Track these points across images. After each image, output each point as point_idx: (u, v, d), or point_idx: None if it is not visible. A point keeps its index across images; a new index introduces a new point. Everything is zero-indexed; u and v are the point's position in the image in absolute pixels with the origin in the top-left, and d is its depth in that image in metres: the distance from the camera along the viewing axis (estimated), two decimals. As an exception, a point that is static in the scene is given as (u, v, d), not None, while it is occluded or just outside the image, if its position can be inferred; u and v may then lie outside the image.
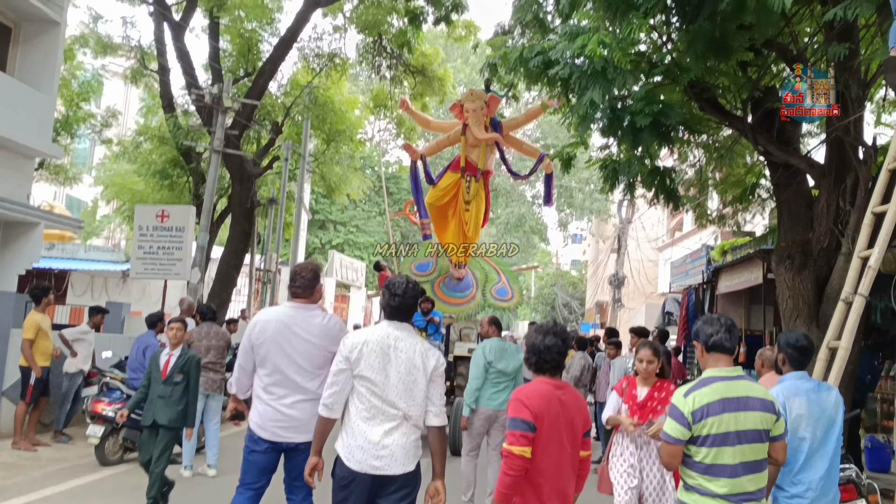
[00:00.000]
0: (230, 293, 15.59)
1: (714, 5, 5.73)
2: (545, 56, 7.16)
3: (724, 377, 3.46)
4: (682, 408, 3.41)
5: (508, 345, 7.43)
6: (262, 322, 4.60)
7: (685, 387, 3.54)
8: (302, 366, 4.51)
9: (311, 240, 34.61)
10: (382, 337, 3.80)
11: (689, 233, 22.97)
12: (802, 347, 4.30)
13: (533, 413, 3.46)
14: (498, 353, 7.28)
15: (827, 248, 7.38)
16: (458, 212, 13.31)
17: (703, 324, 3.62)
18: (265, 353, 4.53)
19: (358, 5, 16.00)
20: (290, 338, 4.50)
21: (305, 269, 4.72)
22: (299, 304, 4.63)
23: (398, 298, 3.89)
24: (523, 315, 50.72)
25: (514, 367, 7.28)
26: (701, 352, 3.62)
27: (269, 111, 17.41)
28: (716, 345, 3.52)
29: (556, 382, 3.65)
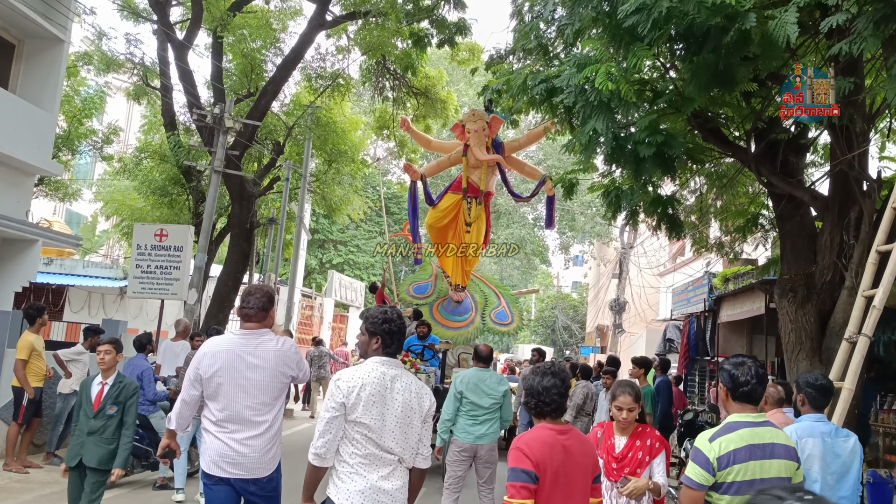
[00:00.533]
0: (227, 314, 15.49)
1: (718, 38, 5.69)
2: (549, 84, 7.14)
3: (751, 423, 3.35)
4: (707, 453, 3.30)
5: (489, 376, 7.02)
6: (211, 353, 4.26)
7: (710, 431, 3.42)
8: (257, 397, 4.21)
9: (311, 259, 34.55)
10: (379, 378, 3.60)
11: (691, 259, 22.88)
12: (822, 388, 4.25)
13: (534, 462, 3.26)
14: (472, 385, 6.92)
15: (830, 282, 7.30)
16: (459, 234, 13.25)
17: (732, 367, 3.46)
18: (216, 387, 4.20)
19: (362, 27, 16.03)
20: (242, 369, 4.20)
21: (259, 291, 4.40)
22: (249, 331, 4.31)
23: (387, 326, 3.71)
24: (524, 338, 50.52)
25: (492, 401, 6.89)
26: (726, 395, 3.48)
27: (270, 130, 17.41)
28: (744, 395, 3.40)
29: (559, 427, 3.44)
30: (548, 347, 44.18)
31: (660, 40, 6.23)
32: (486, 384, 6.91)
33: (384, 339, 3.71)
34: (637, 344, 25.32)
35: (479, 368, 7.08)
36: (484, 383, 6.92)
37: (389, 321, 3.72)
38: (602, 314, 34.69)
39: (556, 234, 38.06)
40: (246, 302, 4.35)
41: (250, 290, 4.43)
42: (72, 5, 12.04)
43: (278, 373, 4.27)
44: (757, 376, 3.39)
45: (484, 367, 7.12)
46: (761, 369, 3.45)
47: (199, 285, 12.68)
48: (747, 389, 3.37)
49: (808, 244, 7.74)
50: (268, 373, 4.23)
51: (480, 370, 7.06)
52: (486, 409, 6.83)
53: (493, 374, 7.08)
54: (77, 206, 28.96)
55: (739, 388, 3.38)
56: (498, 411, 6.93)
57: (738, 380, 3.39)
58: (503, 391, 6.90)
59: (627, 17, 5.74)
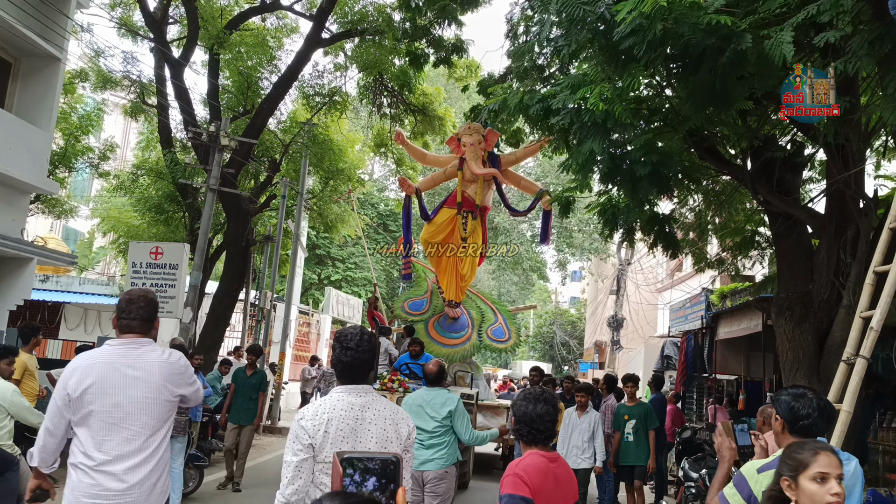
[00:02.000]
0: (223, 332, 15.43)
1: (715, 59, 5.69)
2: (546, 103, 7.14)
3: None
4: (752, 484, 3.14)
5: (434, 396, 6.42)
6: (82, 368, 3.53)
7: (759, 462, 3.26)
8: (137, 418, 3.50)
9: (309, 275, 34.51)
10: (346, 410, 3.23)
11: (689, 275, 22.87)
12: (825, 413, 4.20)
13: (532, 489, 3.18)
14: (415, 408, 6.35)
15: (827, 301, 7.27)
16: (454, 249, 13.19)
17: (791, 399, 3.26)
18: (87, 409, 3.46)
19: (359, 44, 16.09)
20: (120, 383, 3.49)
21: (142, 298, 3.75)
22: (129, 339, 3.62)
23: (350, 353, 3.31)
24: (522, 354, 50.44)
25: (435, 424, 6.28)
26: (781, 428, 3.28)
27: (267, 148, 17.43)
28: (804, 429, 3.20)
29: (549, 455, 3.38)
30: (546, 364, 44.10)
31: (656, 61, 6.23)
32: (430, 406, 6.37)
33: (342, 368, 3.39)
34: (635, 360, 25.23)
35: (426, 389, 6.55)
36: (428, 405, 6.37)
37: (348, 349, 3.35)
38: (600, 330, 34.63)
39: (553, 250, 38.05)
40: (127, 311, 3.67)
41: (131, 297, 3.75)
42: (68, 24, 12.05)
43: (163, 388, 3.58)
44: (819, 409, 3.21)
45: (432, 387, 6.57)
46: (823, 401, 3.26)
47: (194, 303, 12.64)
48: (808, 423, 3.19)
49: (805, 262, 7.71)
50: (150, 388, 3.55)
51: (428, 391, 6.51)
52: (430, 433, 6.27)
53: (440, 393, 6.48)
54: (74, 222, 28.95)
55: (800, 421, 3.19)
56: (447, 434, 6.34)
57: (798, 413, 3.20)
58: (446, 412, 6.32)
59: (623, 39, 5.73)
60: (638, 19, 5.45)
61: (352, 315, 32.06)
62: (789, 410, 3.23)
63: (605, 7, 5.99)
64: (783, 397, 3.29)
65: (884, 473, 10.28)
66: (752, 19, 5.59)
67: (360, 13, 15.56)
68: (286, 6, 16.73)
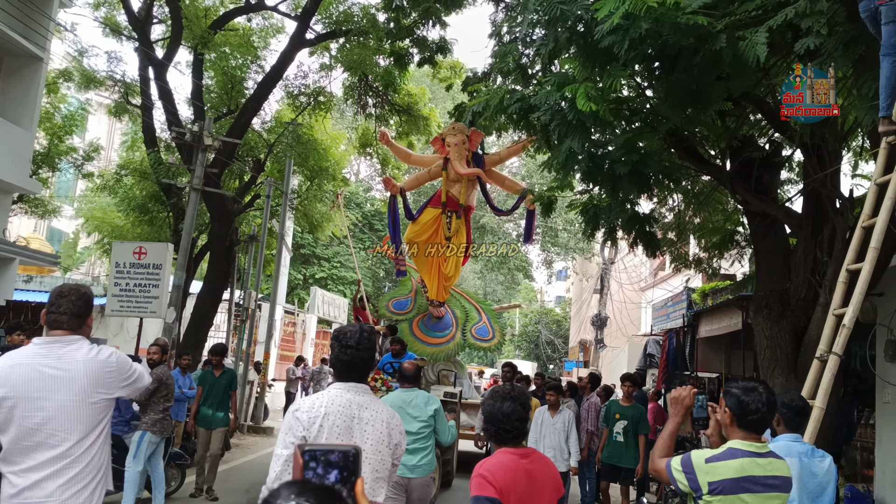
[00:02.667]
0: (206, 332, 15.40)
1: (690, 59, 5.77)
2: (525, 102, 7.20)
3: (753, 453, 3.19)
4: (699, 475, 3.17)
5: (415, 396, 6.22)
6: (1, 370, 3.25)
7: (709, 452, 3.27)
8: (61, 423, 3.22)
9: (295, 275, 34.48)
10: (345, 407, 3.19)
11: (671, 274, 23.04)
12: (798, 408, 4.26)
13: (498, 489, 3.12)
14: (396, 410, 5.79)
15: (805, 299, 7.38)
16: (441, 250, 13.24)
17: (741, 393, 3.25)
18: (7, 414, 3.18)
19: (344, 44, 16.10)
20: (41, 385, 3.22)
21: (74, 291, 3.44)
22: (56, 337, 3.32)
23: (351, 352, 3.25)
24: (508, 353, 50.56)
25: (420, 424, 6.09)
26: (730, 421, 3.29)
27: (252, 148, 17.41)
28: (752, 424, 3.22)
29: (520, 451, 3.28)
30: (531, 362, 44.21)
31: (635, 60, 6.31)
32: (413, 406, 6.14)
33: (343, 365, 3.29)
34: (619, 359, 25.38)
35: (404, 390, 6.27)
36: (410, 405, 6.13)
37: (348, 347, 3.26)
38: (584, 329, 34.79)
39: (539, 249, 38.18)
40: (56, 305, 3.36)
41: (62, 291, 3.46)
42: (50, 24, 12.00)
43: (89, 391, 3.26)
44: (768, 404, 3.21)
45: (409, 386, 6.30)
46: (772, 396, 3.27)
47: (177, 303, 12.61)
48: (756, 418, 3.19)
49: (783, 261, 7.82)
50: (74, 389, 3.25)
51: (405, 391, 6.25)
52: (416, 435, 6.04)
53: (420, 393, 6.29)
54: (59, 222, 28.80)
55: (748, 415, 3.20)
56: (430, 437, 6.16)
57: (747, 407, 3.20)
58: (432, 411, 6.17)
59: (604, 38, 5.79)
60: (622, 18, 5.52)
61: (337, 315, 32.07)
62: (738, 404, 3.23)
63: (582, 8, 6.04)
64: (733, 390, 3.29)
65: (862, 469, 10.40)
66: (728, 20, 5.67)
67: (345, 14, 15.58)
68: (271, 6, 16.71)
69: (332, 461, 1.49)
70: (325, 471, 1.49)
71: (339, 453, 1.50)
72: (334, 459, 1.49)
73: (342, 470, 1.49)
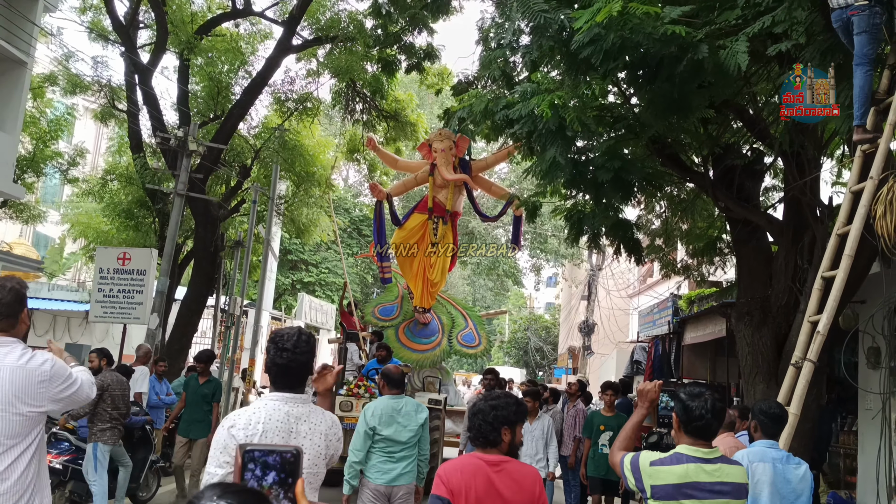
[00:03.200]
0: (190, 339, 15.32)
1: (672, 68, 5.79)
2: (509, 111, 7.21)
3: (700, 458, 3.14)
4: (644, 476, 3.15)
5: (404, 403, 5.99)
6: None
7: (656, 455, 3.24)
8: None
9: (282, 280, 34.37)
10: (283, 422, 2.91)
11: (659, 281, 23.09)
12: (775, 416, 4.28)
13: (448, 489, 3.10)
14: (386, 418, 5.86)
15: (786, 306, 7.41)
16: (424, 254, 13.22)
17: (687, 399, 3.20)
18: None
19: (331, 50, 16.10)
20: None
21: (2, 288, 3.16)
22: None
23: (287, 354, 2.98)
24: (497, 360, 50.55)
25: (410, 434, 5.88)
26: (678, 427, 3.25)
27: (238, 153, 17.37)
28: (697, 430, 3.17)
29: (491, 458, 3.22)
30: (520, 369, 44.22)
31: (614, 71, 6.33)
32: (403, 414, 5.90)
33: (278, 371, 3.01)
34: (607, 365, 25.40)
35: (390, 396, 6.00)
36: (400, 413, 5.89)
37: (284, 350, 3.00)
38: (572, 335, 34.81)
39: (528, 255, 38.22)
40: None
41: None
42: (34, 29, 11.94)
43: (13, 399, 2.96)
44: (713, 411, 3.15)
45: (397, 393, 6.05)
46: (719, 403, 3.20)
47: (161, 309, 12.55)
48: (701, 424, 3.15)
49: (764, 268, 7.86)
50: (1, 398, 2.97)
51: (393, 398, 5.98)
52: (405, 445, 5.86)
53: (408, 400, 6.06)
54: (45, 228, 28.62)
55: (693, 422, 3.16)
56: (416, 447, 5.94)
57: (692, 413, 3.16)
58: (422, 420, 5.99)
59: (582, 49, 5.81)
60: (595, 28, 5.54)
61: (325, 321, 31.98)
62: (683, 410, 3.19)
63: (564, 16, 6.07)
64: (681, 395, 3.24)
65: (844, 476, 10.43)
66: (708, 29, 5.70)
67: (332, 20, 15.57)
68: (258, 12, 16.70)
69: (269, 463, 1.49)
70: (263, 472, 1.48)
71: (278, 455, 1.50)
72: (272, 461, 1.49)
73: (280, 472, 1.49)
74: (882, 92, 5.17)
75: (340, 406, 10.10)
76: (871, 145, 5.15)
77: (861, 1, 5.01)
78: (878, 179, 4.92)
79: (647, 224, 11.86)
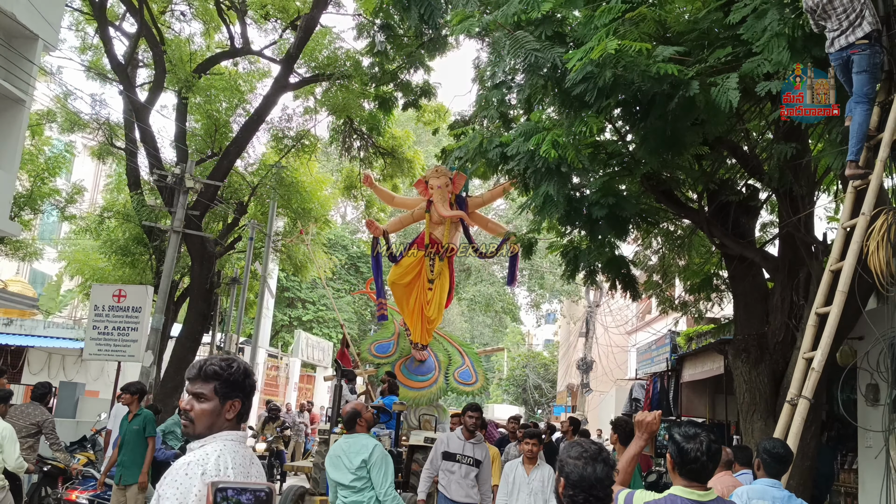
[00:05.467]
0: (184, 377, 15.19)
1: (664, 105, 5.82)
2: (503, 148, 7.24)
3: (695, 501, 3.03)
4: None
5: (352, 443, 5.62)
6: None
7: (650, 494, 3.15)
8: None
9: (280, 317, 34.25)
10: (245, 466, 2.59)
11: (657, 317, 23.03)
12: (779, 456, 4.25)
13: None
14: (334, 459, 5.53)
15: (783, 342, 7.37)
16: (421, 290, 13.20)
17: (682, 440, 3.09)
18: None
19: (328, 88, 16.24)
20: None
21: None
22: None
23: None
24: (496, 398, 50.18)
25: (352, 477, 5.46)
26: (672, 467, 3.15)
27: (235, 190, 17.43)
28: (692, 473, 3.06)
29: None
30: (519, 407, 43.87)
31: (608, 108, 6.38)
32: (346, 455, 5.52)
33: (246, 402, 2.71)
34: (605, 403, 25.23)
35: (346, 436, 5.70)
36: (345, 455, 5.53)
37: (248, 374, 2.74)
38: (571, 373, 34.62)
39: (526, 291, 38.14)
40: None
41: None
42: (33, 69, 12.04)
43: None
44: (708, 453, 3.04)
45: (348, 432, 5.72)
46: (714, 444, 3.09)
47: (155, 347, 12.48)
48: (696, 467, 3.04)
49: (761, 305, 7.83)
50: None
51: (347, 438, 5.66)
52: (348, 488, 5.46)
53: (358, 439, 5.66)
54: (42, 265, 28.59)
55: (688, 464, 3.05)
56: (367, 491, 5.49)
57: (687, 455, 3.05)
58: (360, 461, 5.51)
59: (575, 86, 5.85)
60: (589, 66, 5.58)
61: (322, 358, 31.81)
62: (678, 452, 3.09)
63: (556, 55, 6.11)
64: (676, 436, 3.14)
65: (846, 515, 10.28)
66: (699, 68, 5.75)
67: (329, 58, 15.73)
68: (256, 51, 16.88)
69: (243, 501, 1.44)
70: None
71: (251, 493, 1.45)
72: (246, 500, 1.44)
73: None
74: (872, 129, 5.20)
75: (334, 445, 9.99)
76: (863, 181, 5.16)
77: (862, 40, 5.06)
78: (870, 215, 4.93)
79: (643, 260, 11.86)
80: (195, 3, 16.85)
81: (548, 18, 6.45)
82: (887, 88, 5.39)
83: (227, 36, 16.91)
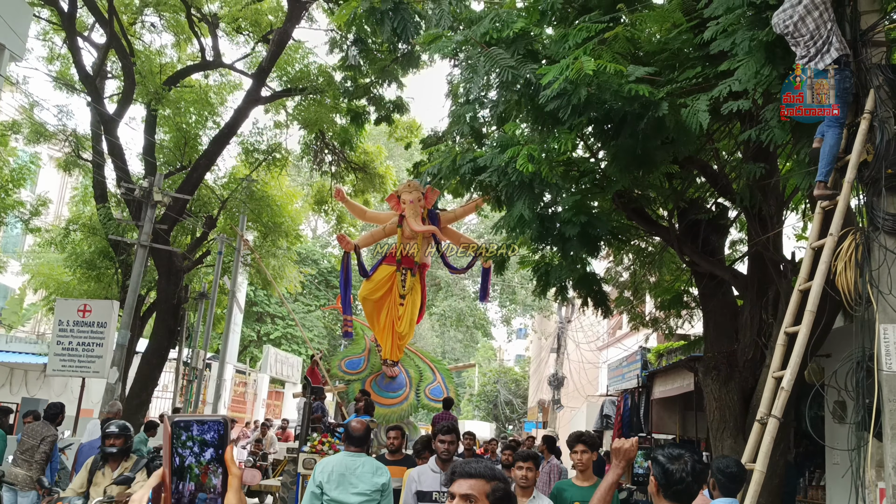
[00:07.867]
0: (150, 393, 14.94)
1: (635, 124, 5.86)
2: (475, 163, 7.24)
3: None
4: None
5: (361, 463, 5.31)
6: None
7: None
8: None
9: (248, 333, 33.88)
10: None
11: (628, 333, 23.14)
12: (732, 475, 4.19)
13: None
14: (336, 476, 5.19)
15: (752, 360, 7.42)
16: (392, 306, 13.11)
17: (667, 461, 3.02)
18: None
19: (300, 102, 16.17)
20: None
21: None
22: None
23: None
24: (467, 413, 50.02)
25: (362, 499, 5.16)
26: (656, 490, 3.05)
27: (204, 203, 17.25)
28: (677, 494, 2.97)
29: None
30: (489, 423, 43.75)
31: (580, 126, 6.40)
32: (357, 474, 5.22)
33: None
34: (576, 419, 25.23)
35: (347, 453, 5.35)
36: (354, 474, 5.21)
37: None
38: (542, 389, 34.64)
39: (497, 306, 38.17)
40: None
41: None
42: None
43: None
44: (693, 473, 2.96)
45: (356, 451, 5.37)
46: (699, 464, 3.02)
47: (121, 363, 12.25)
48: (681, 488, 2.95)
49: (730, 322, 7.88)
50: None
51: (350, 455, 5.32)
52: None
53: (367, 460, 5.36)
54: (5, 278, 28.02)
55: (673, 486, 2.96)
56: None
57: (672, 476, 2.96)
58: (380, 484, 5.23)
59: (549, 102, 5.86)
60: (564, 84, 5.60)
61: (290, 374, 31.48)
62: (663, 474, 3.01)
63: (531, 71, 6.13)
64: (659, 457, 3.07)
65: (814, 532, 10.36)
66: (669, 88, 5.79)
67: (301, 72, 15.68)
68: (227, 64, 16.77)
69: (208, 441, 1.49)
70: (201, 450, 1.49)
71: (214, 432, 1.50)
72: (210, 439, 1.49)
73: (217, 448, 1.50)
74: (840, 150, 5.26)
75: (304, 464, 9.83)
76: (831, 202, 5.22)
77: (833, 65, 5.12)
78: (837, 236, 4.97)
79: (615, 276, 11.91)
80: (166, 15, 16.69)
81: (520, 37, 6.47)
82: (854, 111, 5.46)
83: (198, 48, 16.78)
